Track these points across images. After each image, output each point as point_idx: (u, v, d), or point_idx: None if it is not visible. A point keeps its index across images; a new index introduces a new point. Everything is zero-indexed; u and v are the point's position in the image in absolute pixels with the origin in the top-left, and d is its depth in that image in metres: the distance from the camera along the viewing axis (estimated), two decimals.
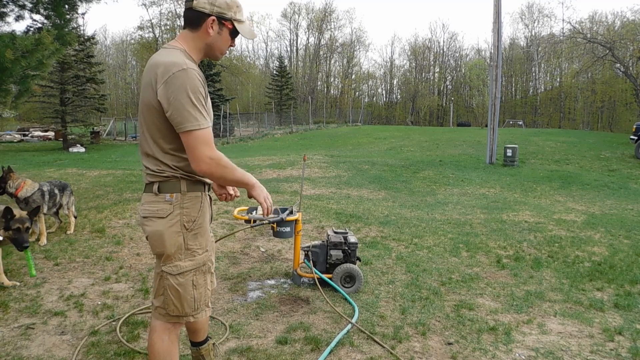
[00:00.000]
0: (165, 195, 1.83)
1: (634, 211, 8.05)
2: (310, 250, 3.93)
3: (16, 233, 3.37)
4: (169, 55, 1.77)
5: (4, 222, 3.33)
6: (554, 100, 54.11)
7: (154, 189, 1.85)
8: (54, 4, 7.48)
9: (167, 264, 1.87)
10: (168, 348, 1.94)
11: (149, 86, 1.76)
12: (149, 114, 1.79)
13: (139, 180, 9.82)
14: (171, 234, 1.83)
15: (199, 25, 1.83)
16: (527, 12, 57.97)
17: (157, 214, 1.83)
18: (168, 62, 1.72)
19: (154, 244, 1.87)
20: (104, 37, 62.17)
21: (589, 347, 3.02)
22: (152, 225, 1.85)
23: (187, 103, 1.68)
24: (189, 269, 1.87)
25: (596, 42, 30.04)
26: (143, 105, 1.81)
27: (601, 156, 16.29)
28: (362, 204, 8.00)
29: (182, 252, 1.86)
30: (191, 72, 1.70)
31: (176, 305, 1.90)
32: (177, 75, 1.68)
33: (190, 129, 1.69)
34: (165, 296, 1.90)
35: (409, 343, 2.99)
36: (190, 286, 1.89)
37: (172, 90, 1.68)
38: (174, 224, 1.83)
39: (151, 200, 1.86)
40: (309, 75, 61.63)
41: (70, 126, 23.32)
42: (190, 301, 1.90)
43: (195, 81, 1.70)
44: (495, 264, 4.80)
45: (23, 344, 2.79)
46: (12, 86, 7.15)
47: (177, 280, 1.87)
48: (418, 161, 14.52)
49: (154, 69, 1.74)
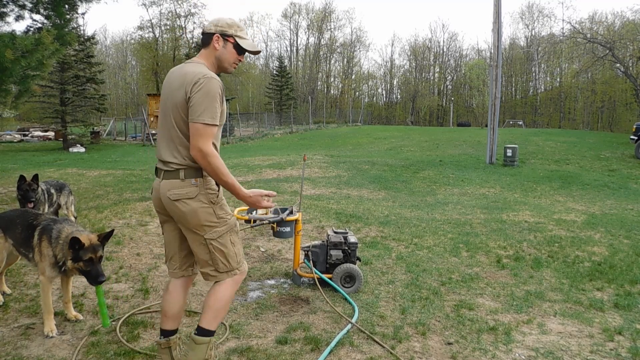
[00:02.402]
0: (191, 180, 2.22)
1: (634, 211, 8.05)
2: (310, 250, 3.93)
3: (88, 264, 2.76)
4: (195, 67, 2.23)
5: (71, 252, 2.76)
6: (554, 100, 54.11)
7: (180, 175, 2.21)
8: (54, 4, 7.48)
9: (207, 232, 2.25)
10: (232, 299, 2.41)
11: (181, 89, 2.17)
12: (181, 113, 2.18)
13: (139, 180, 9.82)
14: (203, 209, 2.23)
15: (209, 43, 2.32)
16: (527, 12, 58.00)
17: (187, 196, 2.21)
18: (196, 72, 2.18)
19: (191, 220, 2.23)
20: (104, 37, 62.24)
21: (589, 347, 3.02)
22: (185, 206, 2.21)
23: (204, 102, 2.12)
24: (225, 232, 2.30)
25: (596, 42, 30.02)
26: (173, 106, 2.20)
27: (601, 156, 16.29)
28: (362, 204, 8.00)
29: (214, 220, 2.26)
30: (214, 80, 2.16)
31: (224, 263, 2.31)
32: (204, 81, 2.13)
33: (197, 122, 2.11)
34: (213, 259, 2.29)
35: (409, 343, 2.99)
36: (229, 244, 2.32)
37: (198, 90, 2.12)
38: (203, 202, 2.23)
39: (178, 185, 2.22)
40: (309, 75, 61.63)
41: (70, 126, 23.31)
42: (233, 256, 2.33)
43: (216, 87, 2.15)
44: (495, 264, 4.80)
45: (23, 344, 2.79)
46: (12, 86, 7.15)
47: (219, 242, 2.28)
48: (418, 161, 14.52)
49: (184, 77, 2.18)
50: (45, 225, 2.97)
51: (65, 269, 2.87)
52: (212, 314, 2.31)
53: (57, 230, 2.91)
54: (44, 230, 2.94)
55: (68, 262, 2.79)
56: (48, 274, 2.89)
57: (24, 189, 4.66)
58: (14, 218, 3.18)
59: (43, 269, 2.90)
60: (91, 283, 2.82)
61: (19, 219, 3.14)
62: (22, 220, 3.11)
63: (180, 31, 48.23)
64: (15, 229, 3.11)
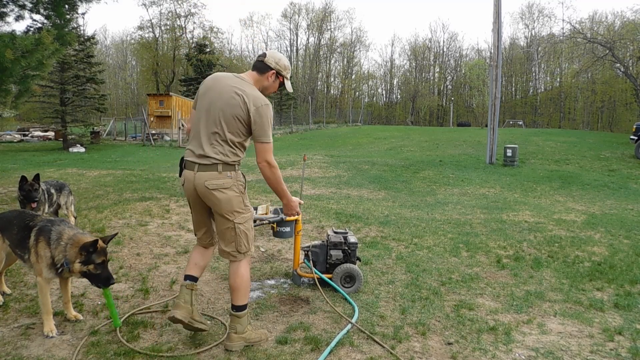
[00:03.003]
0: (227, 173, 2.65)
1: (634, 211, 8.05)
2: (310, 250, 3.93)
3: (99, 267, 2.80)
4: (252, 89, 2.68)
5: (83, 255, 2.77)
6: (554, 100, 54.11)
7: (218, 168, 2.64)
8: (54, 4, 7.48)
9: (238, 217, 2.70)
10: (249, 276, 2.83)
11: (241, 105, 2.60)
12: (235, 121, 2.62)
13: (139, 180, 9.82)
14: (236, 197, 2.68)
15: (264, 73, 2.77)
16: (527, 12, 58.01)
17: (223, 186, 2.64)
18: (256, 96, 2.65)
19: (225, 206, 2.66)
20: (104, 37, 62.19)
21: (589, 347, 3.02)
22: (221, 194, 2.64)
23: (265, 125, 2.64)
24: (248, 218, 2.77)
25: (596, 42, 30.02)
26: (228, 114, 2.61)
27: (601, 156, 16.29)
28: (362, 204, 8.00)
29: (243, 207, 2.72)
30: (270, 107, 2.66)
31: (245, 244, 2.76)
32: (265, 107, 2.63)
33: (263, 141, 2.67)
34: (237, 240, 2.73)
35: (409, 343, 2.99)
36: (250, 229, 2.80)
37: (260, 115, 2.62)
38: (235, 191, 2.67)
39: (215, 176, 2.63)
40: (309, 75, 61.60)
41: (70, 126, 23.29)
42: (251, 239, 2.80)
43: (271, 113, 2.66)
44: (495, 264, 4.80)
45: (23, 344, 2.79)
46: (12, 86, 7.15)
47: (244, 226, 2.74)
48: (418, 161, 14.52)
49: (244, 95, 2.61)
50: (42, 226, 2.95)
51: (62, 271, 2.86)
52: (243, 292, 2.78)
53: (56, 232, 2.90)
54: (41, 232, 2.92)
55: (75, 265, 2.79)
56: (45, 275, 2.88)
57: (26, 189, 4.64)
58: (11, 219, 3.14)
59: (40, 270, 2.88)
60: (100, 285, 2.84)
61: (16, 220, 3.10)
62: (19, 221, 3.07)
63: (180, 31, 48.25)
64: (12, 229, 3.08)
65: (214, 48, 45.17)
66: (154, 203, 6.98)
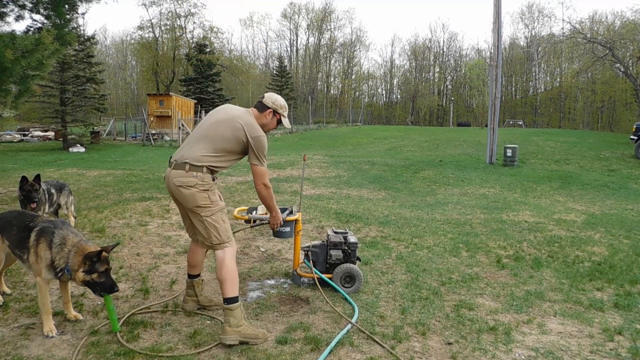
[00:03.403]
0: (193, 173, 2.91)
1: (634, 211, 8.05)
2: (310, 250, 3.93)
3: (103, 276, 2.82)
4: (254, 123, 3.05)
5: (88, 265, 2.79)
6: (554, 100, 54.09)
7: (186, 168, 2.91)
8: (54, 4, 7.47)
9: (203, 211, 2.93)
10: (235, 267, 3.00)
11: (241, 130, 2.96)
12: (227, 139, 2.97)
13: (139, 180, 9.82)
14: (199, 194, 2.92)
15: (263, 111, 3.17)
16: (527, 12, 57.98)
17: (188, 184, 2.90)
18: (256, 128, 3.03)
19: (190, 201, 2.92)
20: (104, 37, 62.15)
21: (588, 347, 3.02)
22: (186, 191, 2.90)
23: (261, 153, 3.02)
24: (215, 211, 2.97)
25: (596, 42, 30.02)
26: (228, 134, 2.96)
27: (601, 156, 16.29)
28: (362, 204, 8.00)
29: (208, 202, 2.94)
30: (264, 138, 3.04)
31: (216, 236, 2.98)
32: (260, 138, 3.00)
33: (260, 165, 3.03)
34: (208, 233, 2.97)
35: (409, 343, 2.99)
36: (220, 221, 2.99)
37: (257, 143, 2.99)
38: (199, 189, 2.91)
39: (182, 175, 2.91)
40: (309, 75, 61.59)
41: (70, 126, 23.25)
42: (224, 231, 3.00)
43: (266, 143, 3.03)
44: (495, 264, 4.80)
45: (23, 344, 2.79)
46: (12, 86, 7.15)
47: (212, 219, 2.96)
48: (418, 161, 14.52)
49: (247, 125, 2.98)
50: (44, 227, 2.95)
51: (62, 276, 2.86)
52: (229, 284, 2.92)
53: (60, 236, 2.89)
54: (43, 233, 2.91)
55: (79, 274, 2.79)
56: (44, 275, 2.88)
57: (27, 189, 4.64)
58: (11, 219, 3.14)
59: (39, 270, 2.88)
60: (102, 293, 2.84)
61: (15, 220, 3.10)
62: (19, 221, 3.07)
63: (180, 31, 48.17)
64: (12, 230, 3.08)
65: (214, 48, 45.10)
66: (153, 203, 6.98)
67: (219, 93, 39.67)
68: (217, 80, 41.02)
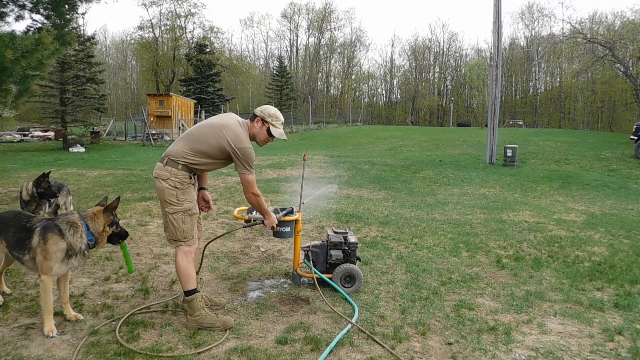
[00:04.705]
0: (168, 167, 3.07)
1: (634, 211, 8.05)
2: (310, 250, 3.93)
3: (118, 226, 3.21)
4: (242, 133, 3.15)
5: (112, 217, 3.14)
6: (554, 100, 54.07)
7: (164, 161, 3.08)
8: (54, 4, 7.47)
9: (168, 206, 3.07)
10: (187, 264, 3.11)
11: (224, 139, 3.07)
12: (208, 144, 3.08)
13: (139, 180, 9.82)
14: (168, 189, 3.06)
15: (253, 120, 3.27)
16: (527, 12, 57.92)
17: (162, 177, 3.06)
18: (244, 140, 3.13)
19: (160, 194, 3.10)
20: (104, 37, 62.13)
21: (589, 347, 3.02)
22: (159, 183, 3.07)
23: (246, 163, 3.11)
24: (179, 211, 3.07)
25: (596, 42, 30.01)
26: (216, 142, 3.07)
27: (601, 156, 16.28)
28: (362, 204, 8.00)
29: (174, 200, 3.06)
30: (250, 149, 3.13)
31: (173, 232, 3.11)
32: (246, 149, 3.10)
33: (247, 174, 3.13)
34: (168, 228, 3.12)
35: (409, 343, 2.99)
36: (180, 221, 3.09)
37: (243, 155, 3.10)
38: (169, 184, 3.05)
39: (160, 167, 3.09)
40: (309, 75, 61.58)
41: (70, 126, 23.24)
42: (181, 231, 3.10)
43: (252, 154, 3.12)
44: (495, 264, 4.80)
45: (23, 344, 2.79)
46: (12, 86, 7.14)
47: (173, 217, 3.08)
48: (418, 161, 14.51)
49: (235, 136, 3.10)
50: (46, 224, 2.96)
51: (86, 253, 3.02)
52: (182, 279, 3.11)
53: (65, 222, 2.96)
54: (48, 229, 2.92)
55: (104, 233, 3.08)
56: (55, 271, 2.90)
57: (44, 186, 4.78)
58: (7, 220, 3.13)
59: (49, 267, 2.88)
60: (117, 241, 3.19)
61: (12, 221, 3.09)
62: (15, 222, 3.07)
63: (180, 31, 48.19)
64: (8, 230, 3.07)
65: (214, 48, 45.13)
66: (154, 203, 6.98)
67: (219, 93, 39.68)
68: (217, 81, 41.03)
